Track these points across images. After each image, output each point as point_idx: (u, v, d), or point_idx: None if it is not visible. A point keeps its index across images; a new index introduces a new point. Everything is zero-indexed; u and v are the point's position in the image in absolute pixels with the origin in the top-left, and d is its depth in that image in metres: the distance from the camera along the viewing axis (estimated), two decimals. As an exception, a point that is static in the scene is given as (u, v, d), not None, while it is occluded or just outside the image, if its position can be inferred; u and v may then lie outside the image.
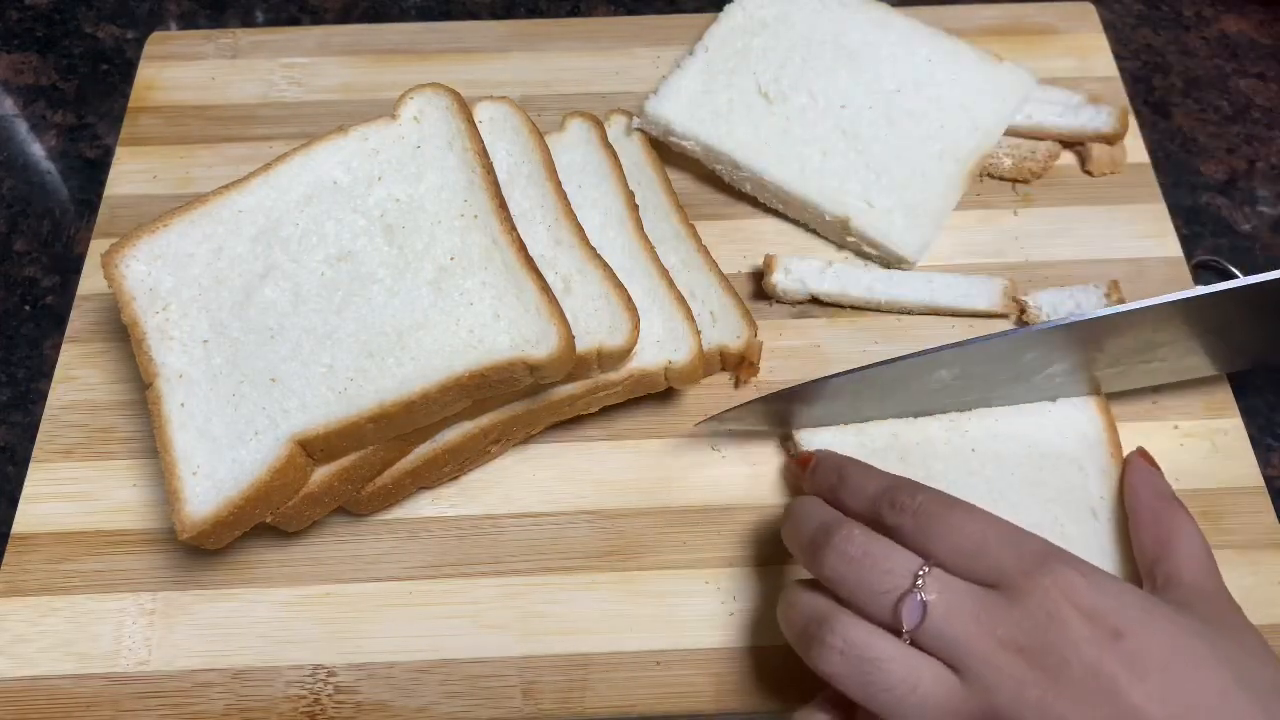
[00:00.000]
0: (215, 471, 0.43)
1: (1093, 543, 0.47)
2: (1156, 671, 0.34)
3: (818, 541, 0.40)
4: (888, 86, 0.60)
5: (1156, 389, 0.53)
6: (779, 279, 0.55)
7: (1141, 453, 0.49)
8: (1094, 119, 0.60)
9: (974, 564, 0.37)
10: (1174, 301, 0.44)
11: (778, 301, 0.56)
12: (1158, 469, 0.48)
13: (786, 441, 0.51)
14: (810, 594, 0.40)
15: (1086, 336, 0.46)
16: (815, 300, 0.56)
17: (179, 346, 0.47)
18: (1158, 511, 0.45)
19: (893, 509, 0.40)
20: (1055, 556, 0.37)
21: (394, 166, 0.50)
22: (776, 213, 0.59)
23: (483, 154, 0.49)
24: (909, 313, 0.55)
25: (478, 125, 0.51)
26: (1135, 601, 0.37)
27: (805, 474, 0.46)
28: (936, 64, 0.61)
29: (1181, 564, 0.42)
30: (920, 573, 0.37)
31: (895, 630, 0.37)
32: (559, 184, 0.51)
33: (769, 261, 0.55)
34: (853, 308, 0.56)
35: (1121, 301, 0.54)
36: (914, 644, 0.36)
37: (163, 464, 0.44)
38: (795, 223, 0.58)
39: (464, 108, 0.50)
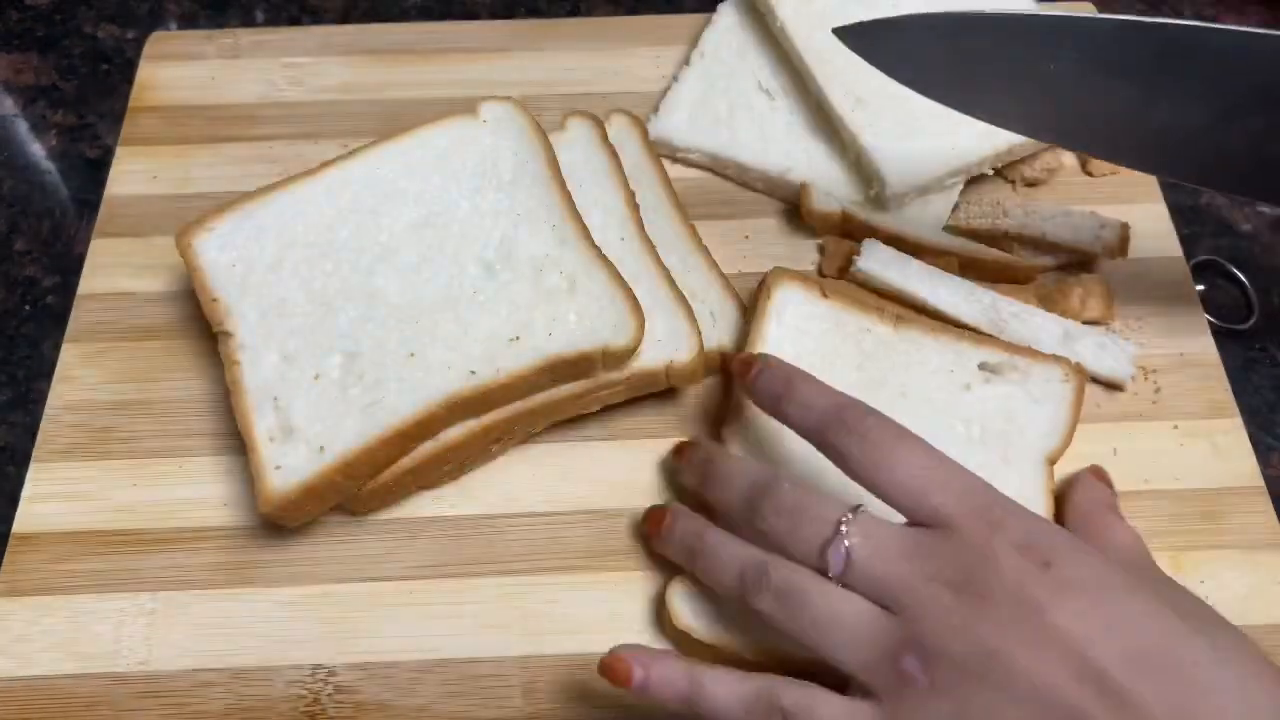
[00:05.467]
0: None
1: None
2: (1080, 594, 0.35)
3: (754, 497, 0.41)
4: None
5: (1156, 388, 0.53)
6: (818, 199, 0.56)
7: (1093, 469, 0.48)
8: (1094, 119, 0.60)
9: (916, 503, 0.38)
10: None
11: (813, 234, 0.58)
12: (1108, 485, 0.47)
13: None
14: (741, 545, 0.41)
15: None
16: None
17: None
18: (1089, 515, 0.45)
19: (843, 429, 0.40)
20: (996, 501, 0.38)
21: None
22: (777, 212, 0.59)
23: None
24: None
25: (481, 125, 0.52)
26: (1068, 539, 0.37)
27: (748, 380, 0.45)
28: (937, 64, 0.61)
29: (1108, 545, 0.43)
30: (844, 519, 0.38)
31: (825, 576, 0.38)
32: (564, 183, 0.52)
33: (805, 189, 0.56)
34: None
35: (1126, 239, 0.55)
36: (846, 587, 0.38)
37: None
38: (796, 223, 0.58)
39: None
